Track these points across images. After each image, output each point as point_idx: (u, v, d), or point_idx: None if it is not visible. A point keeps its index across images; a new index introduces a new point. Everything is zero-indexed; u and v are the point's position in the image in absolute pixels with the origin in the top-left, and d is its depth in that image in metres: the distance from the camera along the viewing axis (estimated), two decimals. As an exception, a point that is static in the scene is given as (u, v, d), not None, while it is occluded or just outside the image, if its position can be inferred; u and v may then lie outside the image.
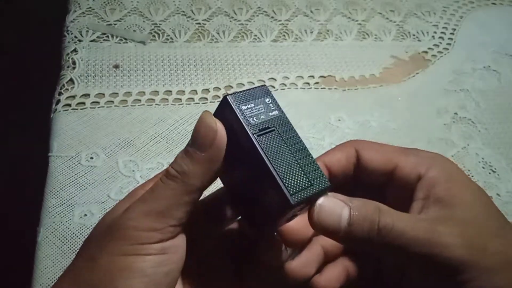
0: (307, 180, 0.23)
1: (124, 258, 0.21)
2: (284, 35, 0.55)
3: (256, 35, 0.54)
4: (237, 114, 0.23)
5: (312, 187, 0.23)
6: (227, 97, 0.23)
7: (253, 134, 0.23)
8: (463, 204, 0.23)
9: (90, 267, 0.22)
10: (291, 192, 0.22)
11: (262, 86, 0.25)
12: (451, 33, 0.59)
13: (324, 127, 0.46)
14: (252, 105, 0.24)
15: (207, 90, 0.47)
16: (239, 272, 0.27)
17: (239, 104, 0.23)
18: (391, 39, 0.57)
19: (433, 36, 0.58)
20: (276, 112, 0.24)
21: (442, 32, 0.59)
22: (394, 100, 0.50)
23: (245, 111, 0.23)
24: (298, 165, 0.23)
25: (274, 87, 0.49)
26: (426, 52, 0.56)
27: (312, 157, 0.24)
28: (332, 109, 0.48)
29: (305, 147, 0.24)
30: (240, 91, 0.24)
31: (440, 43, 0.57)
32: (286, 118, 0.25)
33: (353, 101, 0.49)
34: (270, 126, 0.24)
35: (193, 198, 0.23)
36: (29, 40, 1.26)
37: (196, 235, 0.24)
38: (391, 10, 0.61)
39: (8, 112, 1.15)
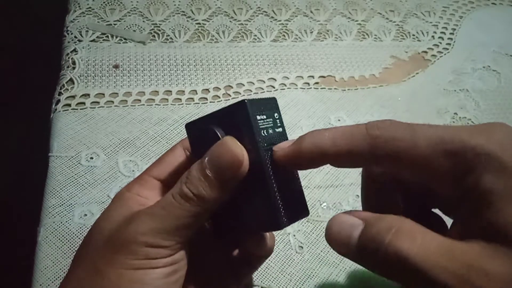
0: (295, 205, 0.23)
1: (134, 271, 0.21)
2: (284, 35, 0.55)
3: (256, 35, 0.54)
4: (252, 123, 0.22)
5: (297, 214, 0.23)
6: (246, 102, 0.23)
7: (262, 148, 0.22)
8: None
9: (97, 281, 0.21)
10: (283, 215, 0.22)
11: (273, 98, 0.25)
12: (451, 33, 0.59)
13: (324, 127, 0.46)
14: (264, 116, 0.23)
15: (207, 90, 0.47)
16: (236, 271, 0.27)
17: (254, 113, 0.23)
18: (391, 39, 0.57)
19: (433, 36, 0.58)
20: (280, 130, 0.24)
21: (442, 32, 0.59)
22: (394, 100, 0.50)
23: (259, 121, 0.23)
24: (290, 189, 0.24)
25: (274, 87, 0.49)
26: (426, 52, 0.56)
27: (300, 183, 0.24)
28: (332, 109, 0.48)
29: (297, 171, 0.24)
30: (256, 99, 0.23)
31: (440, 43, 0.57)
32: (287, 137, 0.24)
33: (353, 101, 0.49)
34: (274, 143, 0.23)
35: (205, 218, 0.23)
36: (29, 40, 1.26)
37: (195, 238, 0.25)
38: (391, 10, 0.61)
39: (8, 112, 1.15)
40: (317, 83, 0.50)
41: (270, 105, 0.24)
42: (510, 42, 0.58)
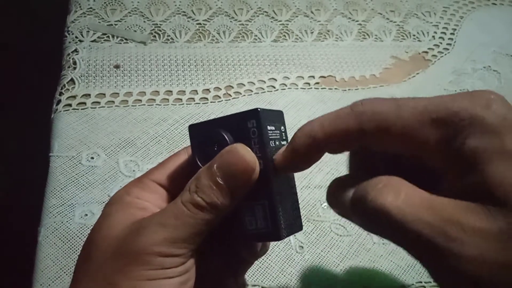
0: (293, 219, 0.24)
1: (150, 282, 0.21)
2: (285, 36, 0.55)
3: (256, 36, 0.54)
4: (263, 131, 0.22)
5: (293, 226, 0.24)
6: (259, 110, 0.22)
7: (270, 160, 0.22)
8: None
9: None
10: (283, 227, 0.22)
11: (280, 111, 0.24)
12: (451, 33, 0.59)
13: (324, 127, 0.46)
14: (273, 128, 0.23)
15: (208, 90, 0.47)
16: (232, 269, 0.27)
17: (265, 122, 0.23)
18: (391, 40, 0.57)
19: (433, 37, 0.58)
20: (285, 143, 0.24)
21: (442, 33, 0.59)
22: (394, 100, 0.50)
23: (269, 132, 0.23)
24: (290, 202, 0.24)
25: (274, 87, 0.49)
26: (426, 52, 0.56)
27: (297, 196, 0.25)
28: (332, 109, 0.47)
29: (295, 184, 0.25)
30: (267, 110, 0.23)
31: (441, 43, 0.57)
32: None
33: (354, 101, 0.49)
34: None
35: (217, 224, 0.23)
36: (30, 40, 1.26)
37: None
38: (391, 11, 0.61)
39: (8, 112, 1.15)
40: (317, 83, 0.50)
41: (278, 118, 0.24)
42: (511, 42, 0.58)
